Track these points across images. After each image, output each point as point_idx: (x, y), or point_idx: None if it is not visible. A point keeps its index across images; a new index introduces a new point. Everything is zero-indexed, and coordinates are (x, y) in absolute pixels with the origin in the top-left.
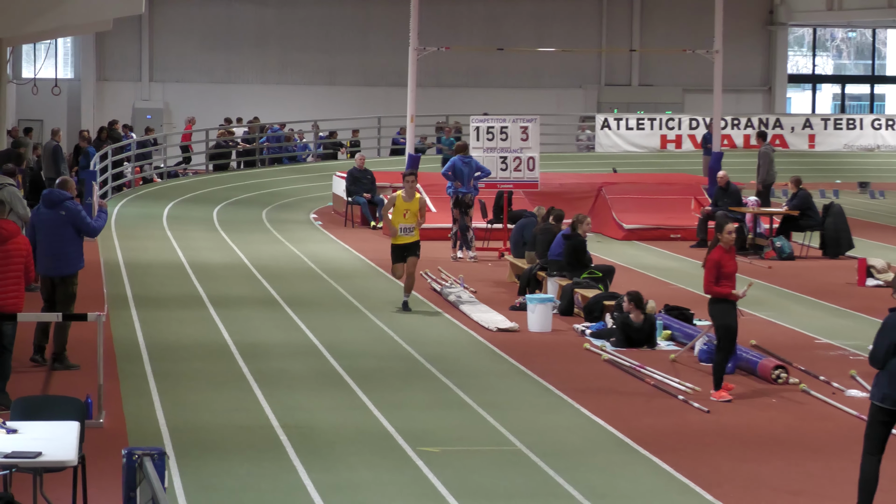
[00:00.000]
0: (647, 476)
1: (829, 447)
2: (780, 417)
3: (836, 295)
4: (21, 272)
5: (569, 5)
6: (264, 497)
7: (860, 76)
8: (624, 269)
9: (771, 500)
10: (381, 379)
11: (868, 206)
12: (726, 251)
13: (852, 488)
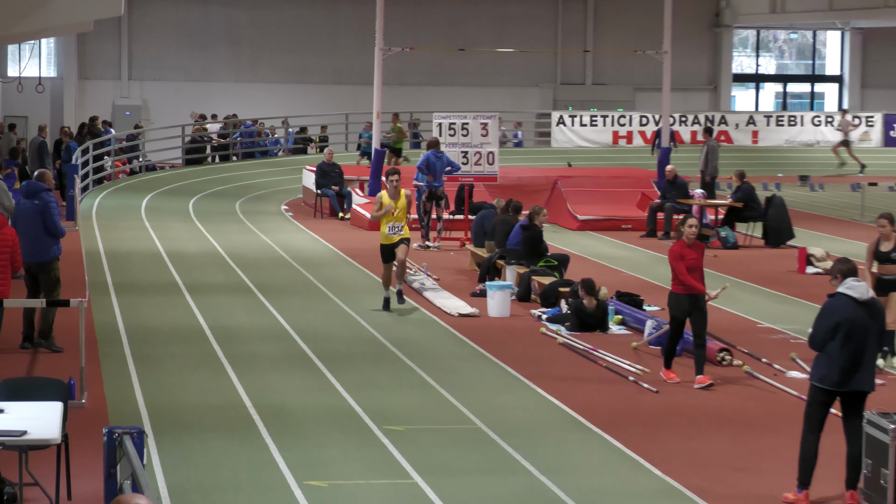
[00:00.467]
0: (599, 452)
1: (772, 425)
2: (724, 398)
3: (777, 282)
4: (7, 261)
5: (526, 8)
6: (238, 473)
7: (801, 76)
8: (578, 258)
9: (716, 475)
10: (348, 361)
11: (808, 198)
12: (688, 245)
13: (793, 464)
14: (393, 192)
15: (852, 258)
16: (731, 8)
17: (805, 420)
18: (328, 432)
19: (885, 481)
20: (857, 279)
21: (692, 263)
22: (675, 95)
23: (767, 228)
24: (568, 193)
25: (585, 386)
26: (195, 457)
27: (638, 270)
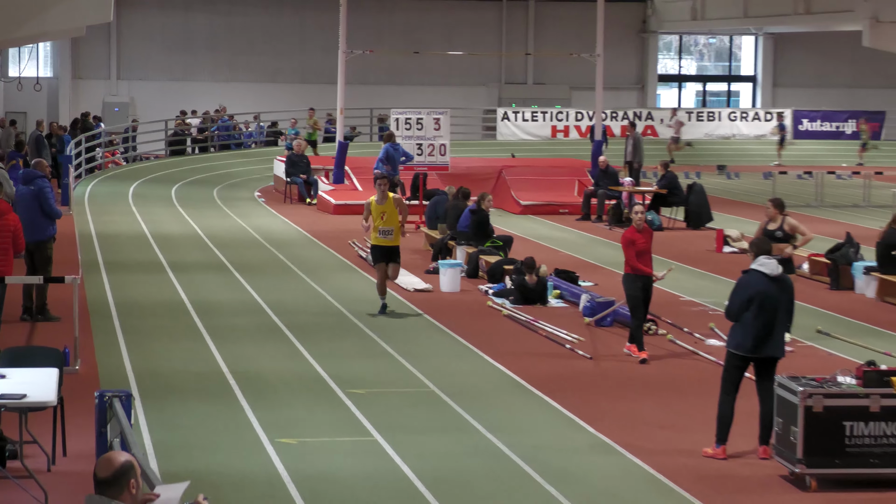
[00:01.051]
0: (539, 413)
1: (693, 388)
2: (650, 363)
3: (697, 260)
4: (9, 244)
5: (474, 15)
6: (216, 432)
7: (719, 76)
8: (521, 239)
9: (644, 432)
10: (315, 332)
11: (725, 185)
12: (638, 231)
13: (712, 423)
14: (381, 197)
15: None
16: (656, 15)
17: (722, 383)
18: (297, 395)
19: (794, 437)
20: (769, 257)
21: (642, 247)
22: (606, 94)
23: (689, 212)
24: (511, 181)
25: (527, 353)
26: (178, 418)
27: (574, 250)
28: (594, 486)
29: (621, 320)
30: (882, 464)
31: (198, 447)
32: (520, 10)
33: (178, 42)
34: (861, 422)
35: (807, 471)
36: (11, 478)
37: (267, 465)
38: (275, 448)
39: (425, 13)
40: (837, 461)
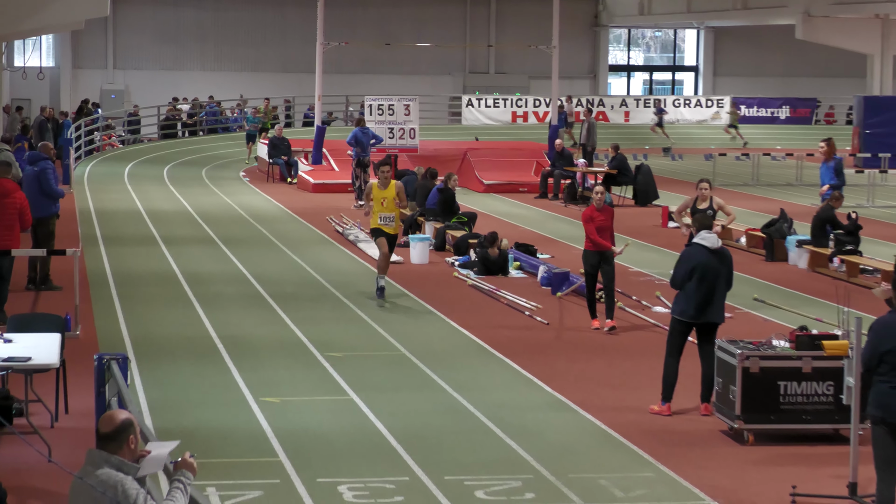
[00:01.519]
0: (500, 373)
1: (640, 351)
2: (602, 328)
3: (644, 235)
4: (15, 220)
5: (440, 11)
6: (205, 391)
7: (664, 66)
8: (484, 215)
9: (595, 391)
10: (296, 300)
11: (670, 166)
12: (598, 209)
13: (658, 382)
14: (383, 182)
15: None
16: (607, 10)
17: (667, 346)
18: (279, 358)
19: (733, 396)
20: (710, 231)
21: (602, 224)
22: (561, 82)
23: (636, 191)
24: (475, 162)
25: (489, 319)
26: (170, 378)
27: (532, 225)
28: (550, 440)
29: (577, 289)
30: (813, 420)
31: (188, 405)
32: (482, 5)
33: (169, 34)
34: (794, 381)
35: (745, 426)
36: (18, 434)
37: (252, 422)
38: (259, 406)
39: (396, 8)
40: (773, 417)
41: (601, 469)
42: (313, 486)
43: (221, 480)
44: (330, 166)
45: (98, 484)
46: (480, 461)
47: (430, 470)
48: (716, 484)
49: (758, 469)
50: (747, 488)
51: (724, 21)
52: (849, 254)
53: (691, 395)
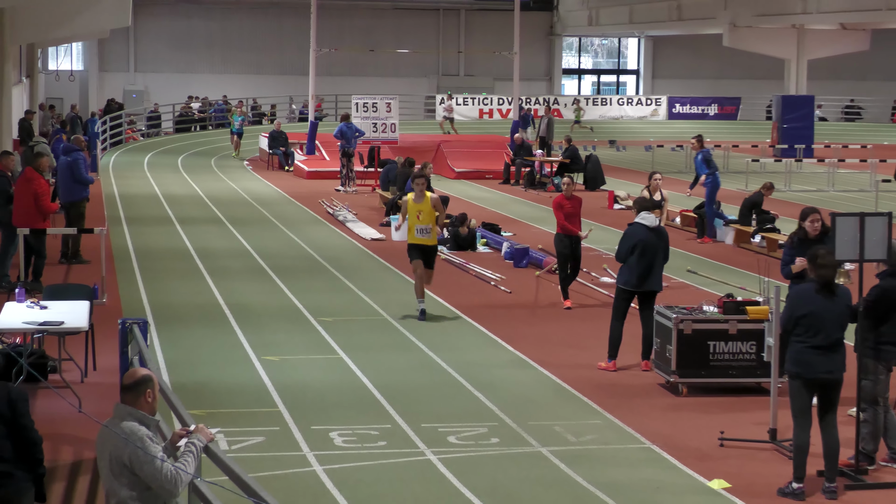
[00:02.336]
0: (469, 335)
1: (591, 316)
2: (558, 296)
3: (593, 215)
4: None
5: (417, 21)
6: (215, 350)
7: (610, 70)
8: (455, 199)
9: (552, 350)
10: (292, 272)
11: (615, 156)
12: (567, 197)
13: (605, 343)
14: (418, 195)
15: (647, 197)
16: (560, 22)
17: (613, 311)
18: (279, 322)
19: (669, 354)
20: (649, 212)
21: (570, 211)
22: (522, 84)
23: (587, 178)
24: (448, 153)
25: (461, 288)
26: (184, 340)
27: (497, 207)
28: (513, 393)
29: (534, 262)
30: (738, 374)
31: (200, 363)
32: (453, 17)
33: (183, 42)
34: (722, 341)
35: (679, 380)
36: (52, 388)
37: (255, 377)
38: (261, 363)
39: (379, 19)
40: (703, 372)
41: (556, 417)
42: (308, 433)
43: (229, 428)
44: (322, 156)
45: (123, 435)
46: (452, 411)
47: (408, 418)
48: (655, 430)
49: (691, 417)
50: (682, 433)
51: (661, 31)
52: (769, 231)
53: (634, 353)
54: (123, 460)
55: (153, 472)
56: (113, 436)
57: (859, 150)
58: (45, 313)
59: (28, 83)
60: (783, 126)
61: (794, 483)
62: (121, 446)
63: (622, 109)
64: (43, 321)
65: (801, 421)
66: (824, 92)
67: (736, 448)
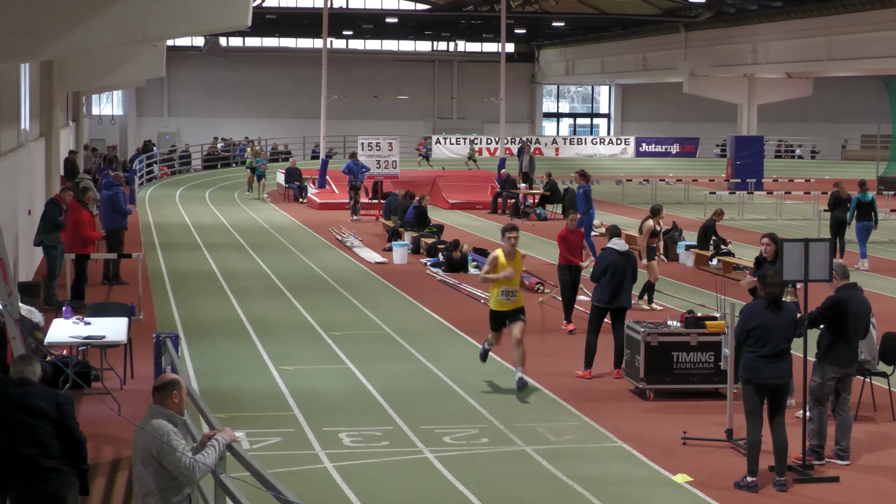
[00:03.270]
0: (461, 347)
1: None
2: (538, 311)
3: None
4: (83, 233)
5: (415, 71)
6: (237, 361)
7: (584, 113)
8: (449, 227)
9: (533, 360)
10: (306, 291)
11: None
12: (570, 231)
13: (582, 353)
14: (510, 251)
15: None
16: (541, 71)
17: (588, 325)
18: (293, 336)
19: (637, 363)
20: (620, 238)
21: (572, 243)
22: (507, 125)
23: (564, 208)
24: (443, 186)
25: (453, 306)
26: (210, 351)
27: (487, 234)
28: (500, 398)
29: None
30: (699, 381)
31: (224, 371)
32: (447, 67)
33: (210, 90)
34: (684, 352)
35: (647, 386)
36: (95, 394)
37: (272, 384)
38: (278, 372)
39: (381, 69)
40: (668, 379)
41: (539, 419)
42: (320, 434)
43: (250, 429)
44: (332, 189)
45: (152, 430)
46: (447, 413)
47: (408, 420)
48: (625, 430)
49: (657, 418)
50: (649, 433)
51: (629, 79)
52: (724, 255)
53: (607, 363)
54: (152, 452)
55: (174, 461)
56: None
57: (803, 183)
58: (89, 328)
59: (74, 126)
60: (736, 163)
61: (748, 477)
62: (151, 440)
63: (595, 148)
64: (87, 335)
65: (753, 421)
66: (772, 133)
67: (697, 446)
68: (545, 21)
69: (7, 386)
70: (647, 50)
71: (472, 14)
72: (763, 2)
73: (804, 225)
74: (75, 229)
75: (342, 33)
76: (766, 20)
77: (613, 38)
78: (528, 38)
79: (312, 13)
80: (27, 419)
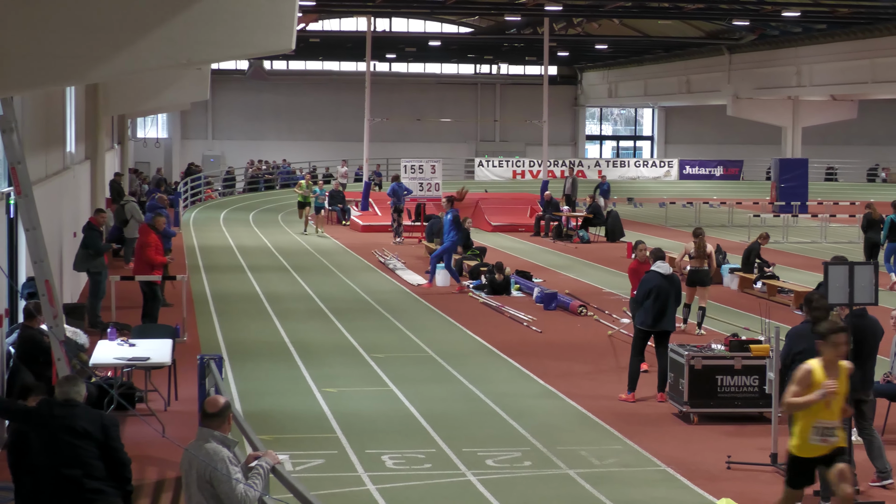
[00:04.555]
0: (504, 369)
1: (611, 352)
2: (583, 335)
3: (614, 264)
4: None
5: (458, 93)
6: (280, 382)
7: (627, 136)
8: (492, 250)
9: (577, 382)
10: (348, 313)
11: (633, 212)
12: (640, 262)
13: (625, 376)
14: (831, 361)
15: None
16: (584, 94)
17: (632, 349)
18: (336, 358)
19: (681, 387)
20: (664, 261)
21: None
22: (550, 148)
23: (607, 230)
24: (485, 208)
25: (496, 328)
26: (254, 373)
27: (529, 257)
28: (542, 420)
29: (561, 305)
30: (743, 405)
31: (268, 393)
32: (490, 90)
33: (253, 113)
34: (728, 375)
35: (691, 410)
36: (139, 415)
37: (316, 406)
38: (321, 394)
39: (424, 92)
40: (712, 403)
41: (582, 443)
42: (363, 456)
43: (293, 451)
44: (374, 212)
45: (205, 455)
46: (489, 436)
47: (451, 443)
48: (669, 454)
49: (701, 443)
50: (693, 457)
51: (672, 102)
52: (769, 278)
53: (650, 386)
54: (206, 477)
55: (229, 491)
56: (199, 455)
57: (848, 206)
58: (134, 350)
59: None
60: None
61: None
62: (205, 464)
63: (639, 171)
64: (131, 357)
65: None
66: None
67: (741, 470)
68: (588, 44)
69: (52, 407)
70: (690, 72)
71: (515, 37)
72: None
73: (849, 248)
74: (141, 252)
75: (385, 56)
76: (809, 42)
77: (656, 60)
78: (571, 60)
79: (356, 37)
80: (72, 440)
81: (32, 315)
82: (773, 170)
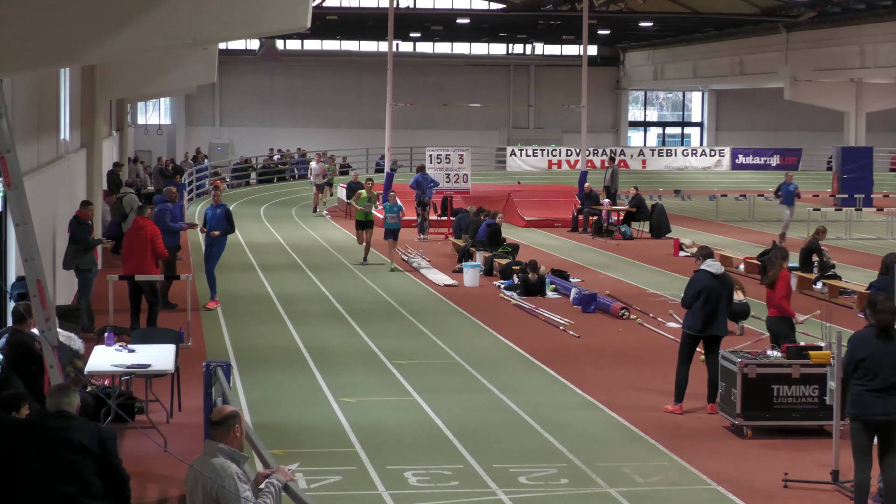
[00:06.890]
0: (539, 378)
1: (657, 359)
2: (624, 340)
3: (659, 262)
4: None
5: (488, 76)
6: (294, 392)
7: (674, 122)
8: (525, 247)
9: (618, 392)
10: (369, 316)
11: (680, 205)
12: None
13: (671, 386)
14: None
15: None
16: (627, 76)
17: (679, 355)
18: (355, 365)
19: (734, 397)
20: (714, 259)
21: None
22: (589, 136)
23: (652, 226)
24: (518, 202)
25: (530, 332)
26: (265, 381)
27: (566, 255)
28: (580, 433)
29: (602, 307)
30: (801, 417)
31: (280, 404)
32: (523, 72)
33: (265, 97)
34: (785, 385)
35: (744, 423)
36: (139, 428)
37: (333, 418)
38: (338, 404)
39: (451, 75)
40: (767, 415)
41: (624, 458)
42: (384, 472)
43: (307, 467)
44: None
45: (212, 471)
46: (522, 451)
47: (480, 458)
48: (720, 471)
49: (755, 459)
50: (746, 475)
51: (724, 84)
52: (830, 278)
53: (699, 396)
54: (213, 495)
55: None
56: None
57: None
58: (133, 356)
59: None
60: (843, 176)
61: None
62: (212, 481)
63: (686, 160)
64: (131, 364)
65: (860, 461)
66: (882, 143)
67: (799, 489)
68: (631, 21)
69: (46, 419)
70: (743, 52)
71: (552, 14)
72: (871, 0)
73: None
74: (153, 245)
75: (409, 36)
76: (874, 20)
77: (706, 39)
78: (613, 40)
79: (377, 14)
80: (68, 455)
81: (23, 318)
82: (834, 159)
